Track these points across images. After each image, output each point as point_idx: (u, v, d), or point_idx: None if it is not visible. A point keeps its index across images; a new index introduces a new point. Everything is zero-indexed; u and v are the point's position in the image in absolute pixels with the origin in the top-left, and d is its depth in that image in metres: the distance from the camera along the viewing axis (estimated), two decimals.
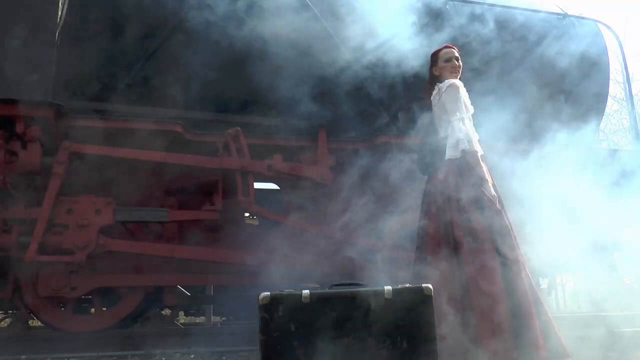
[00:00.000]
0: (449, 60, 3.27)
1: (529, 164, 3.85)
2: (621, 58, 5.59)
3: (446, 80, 3.21)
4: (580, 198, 4.18)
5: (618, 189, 4.47)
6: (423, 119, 3.44)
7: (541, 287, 6.31)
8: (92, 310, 5.45)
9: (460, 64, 3.29)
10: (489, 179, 3.09)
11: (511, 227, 3.03)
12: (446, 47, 3.35)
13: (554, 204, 4.34)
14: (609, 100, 5.52)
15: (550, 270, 5.57)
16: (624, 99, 5.89)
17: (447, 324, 2.78)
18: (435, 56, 3.33)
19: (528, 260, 3.06)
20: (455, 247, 2.99)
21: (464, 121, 3.11)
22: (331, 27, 4.39)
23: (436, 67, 3.30)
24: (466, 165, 3.08)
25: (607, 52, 5.42)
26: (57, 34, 3.81)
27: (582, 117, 5.00)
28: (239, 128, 4.04)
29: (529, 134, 4.56)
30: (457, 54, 3.30)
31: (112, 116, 4.08)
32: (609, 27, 5.61)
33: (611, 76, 5.45)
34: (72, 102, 4.06)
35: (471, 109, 3.22)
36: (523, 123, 4.49)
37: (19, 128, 3.68)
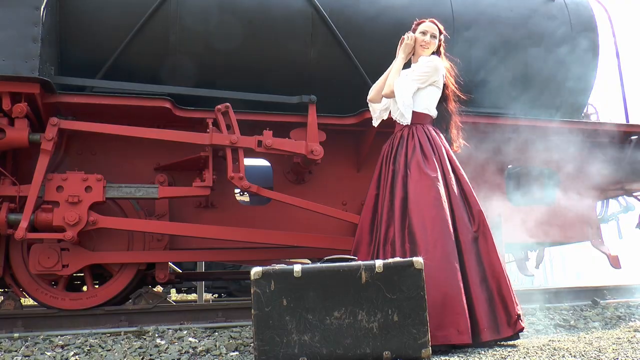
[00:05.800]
0: (422, 33, 3.29)
1: None
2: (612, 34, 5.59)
3: (434, 56, 3.25)
4: None
5: None
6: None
7: (528, 259, 6.40)
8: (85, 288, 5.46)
9: (434, 41, 3.29)
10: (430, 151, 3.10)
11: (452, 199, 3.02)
12: (429, 20, 3.35)
13: None
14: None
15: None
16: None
17: None
18: (416, 26, 3.36)
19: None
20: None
21: (417, 90, 3.18)
22: None
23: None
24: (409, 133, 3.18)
25: (596, 24, 5.40)
26: (42, 10, 3.74)
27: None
28: (228, 104, 4.01)
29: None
30: (434, 31, 3.30)
31: (101, 92, 4.04)
32: (599, 2, 5.60)
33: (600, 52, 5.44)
34: (59, 78, 4.02)
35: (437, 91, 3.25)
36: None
37: (6, 104, 3.64)
